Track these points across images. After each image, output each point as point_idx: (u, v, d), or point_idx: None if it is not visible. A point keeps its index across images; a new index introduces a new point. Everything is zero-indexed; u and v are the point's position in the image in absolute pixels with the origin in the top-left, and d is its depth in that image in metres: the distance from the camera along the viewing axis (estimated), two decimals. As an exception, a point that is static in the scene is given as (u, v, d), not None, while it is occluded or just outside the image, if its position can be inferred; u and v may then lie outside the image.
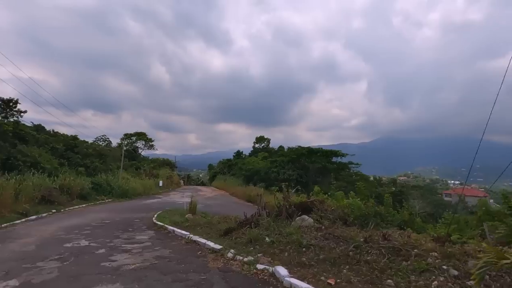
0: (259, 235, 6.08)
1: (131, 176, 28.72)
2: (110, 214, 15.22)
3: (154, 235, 8.44)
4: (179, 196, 28.82)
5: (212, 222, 9.58)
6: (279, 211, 7.98)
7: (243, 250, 5.64)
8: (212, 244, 6.37)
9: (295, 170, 30.13)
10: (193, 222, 10.30)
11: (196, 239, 7.01)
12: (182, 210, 18.45)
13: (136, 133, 40.89)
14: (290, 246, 5.36)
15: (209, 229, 8.32)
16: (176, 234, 8.30)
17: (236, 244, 6.10)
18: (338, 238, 5.24)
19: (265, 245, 5.69)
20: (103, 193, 21.49)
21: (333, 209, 7.66)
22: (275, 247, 5.46)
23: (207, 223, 9.37)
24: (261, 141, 56.43)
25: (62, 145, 25.15)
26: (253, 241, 5.91)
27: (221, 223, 9.06)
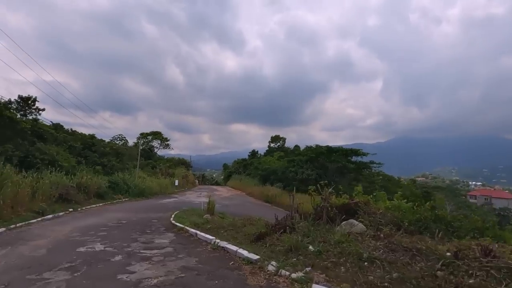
0: (299, 242, 5.10)
1: (147, 175, 28.39)
2: (127, 213, 14.66)
3: (174, 238, 7.62)
4: (195, 195, 28.25)
5: (236, 224, 8.69)
6: (316, 214, 6.95)
7: (285, 261, 4.68)
8: (245, 253, 5.45)
9: (314, 169, 28.93)
10: (215, 223, 9.45)
11: (224, 246, 6.17)
12: (199, 211, 17.76)
13: (152, 133, 40.82)
14: (345, 258, 4.36)
15: (235, 232, 7.43)
16: (200, 238, 7.51)
17: (273, 253, 5.15)
18: (409, 250, 4.18)
19: (311, 256, 4.72)
20: (120, 192, 21.11)
21: (381, 212, 6.52)
22: (325, 259, 4.48)
23: (231, 225, 8.49)
24: (277, 140, 55.36)
25: (80, 143, 25.07)
26: (293, 250, 4.95)
27: (247, 226, 8.15)
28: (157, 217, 14.18)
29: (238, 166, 50.73)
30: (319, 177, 29.12)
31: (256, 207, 24.21)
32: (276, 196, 26.22)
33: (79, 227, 9.56)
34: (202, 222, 9.82)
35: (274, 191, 27.43)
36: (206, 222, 9.88)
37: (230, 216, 17.77)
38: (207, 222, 9.79)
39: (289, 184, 30.20)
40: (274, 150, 52.13)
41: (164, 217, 14.03)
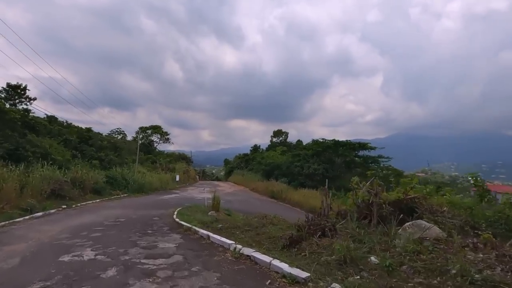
0: (353, 251, 3.82)
1: (147, 170, 27.21)
2: (126, 210, 13.49)
3: (182, 241, 6.37)
4: (197, 191, 27.11)
5: (252, 223, 7.51)
6: (360, 212, 5.66)
7: (347, 281, 3.33)
8: (285, 266, 3.98)
9: (321, 164, 27.79)
10: (226, 222, 8.27)
11: (250, 254, 4.78)
12: (203, 207, 16.66)
13: (152, 127, 39.51)
14: (439, 278, 3.03)
15: (255, 234, 6.22)
16: (214, 242, 6.24)
17: (322, 267, 3.79)
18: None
19: (378, 271, 3.44)
20: (118, 187, 19.93)
21: (445, 209, 5.20)
22: (404, 278, 3.18)
23: (247, 224, 7.31)
24: (279, 135, 54.14)
25: (75, 137, 23.83)
26: (348, 262, 3.71)
27: (267, 225, 6.96)
28: (159, 214, 13.03)
29: (240, 161, 49.55)
30: (326, 171, 28.02)
31: (262, 203, 23.10)
32: (282, 192, 25.09)
33: (70, 227, 8.38)
34: (210, 221, 8.64)
35: (280, 186, 26.30)
36: (215, 220, 8.70)
37: (236, 213, 16.66)
38: (217, 221, 8.61)
39: (294, 179, 29.07)
40: (276, 145, 50.93)
41: (166, 215, 12.87)
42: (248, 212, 18.11)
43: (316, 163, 27.86)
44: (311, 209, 20.74)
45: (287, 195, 23.96)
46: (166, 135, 40.88)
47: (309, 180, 27.39)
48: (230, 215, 15.80)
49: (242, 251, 4.98)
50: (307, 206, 20.78)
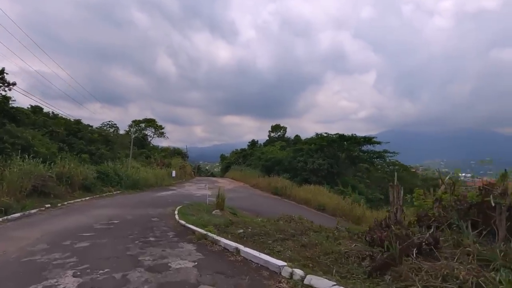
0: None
1: (141, 165, 25.42)
2: (120, 210, 11.88)
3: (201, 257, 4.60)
4: (195, 188, 25.51)
5: (283, 228, 6.02)
6: (462, 214, 3.97)
7: None
8: None
9: (325, 159, 26.46)
10: (245, 225, 6.75)
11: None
12: (205, 205, 15.18)
13: (145, 120, 37.47)
14: None
15: (298, 246, 4.64)
16: (248, 260, 4.44)
17: None
18: None
19: None
20: (110, 183, 18.19)
21: None
22: None
23: (277, 230, 5.80)
24: (277, 129, 52.61)
25: (63, 129, 21.86)
26: None
27: (308, 234, 5.45)
28: (158, 214, 11.49)
29: (237, 156, 47.97)
30: (331, 167, 26.74)
31: (266, 200, 21.68)
32: (285, 188, 23.69)
33: (51, 232, 6.75)
34: (224, 223, 7.11)
35: (283, 182, 24.90)
36: (229, 223, 7.17)
37: (241, 211, 15.18)
38: (231, 223, 7.08)
39: (297, 175, 27.70)
40: (275, 140, 49.49)
41: (166, 214, 11.35)
42: (253, 211, 16.68)
43: (321, 158, 26.51)
44: (320, 206, 19.47)
45: (292, 191, 22.57)
46: (161, 129, 38.93)
47: (313, 176, 26.05)
48: (236, 214, 14.33)
49: (309, 281, 3.14)
50: (315, 203, 19.47)
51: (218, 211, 13.51)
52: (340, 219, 11.48)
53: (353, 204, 17.15)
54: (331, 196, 20.04)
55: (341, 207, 17.23)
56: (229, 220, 7.48)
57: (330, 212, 18.05)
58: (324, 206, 18.75)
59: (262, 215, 15.74)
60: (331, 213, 17.98)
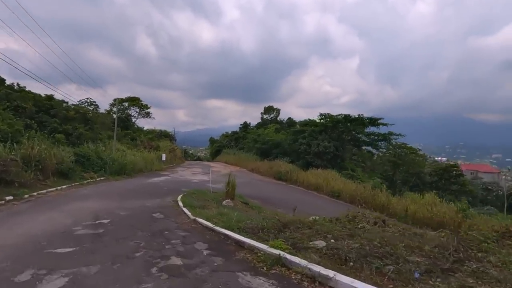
0: None
1: (127, 148, 22.42)
2: (107, 201, 9.34)
3: None
4: (190, 173, 22.99)
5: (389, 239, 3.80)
6: None
7: None
8: None
9: (330, 141, 24.55)
10: (308, 229, 4.47)
11: None
12: (209, 193, 12.89)
13: (129, 98, 33.72)
14: None
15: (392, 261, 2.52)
16: None
17: None
18: None
19: None
20: (92, 168, 15.36)
21: None
22: None
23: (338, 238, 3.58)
24: (270, 111, 50.15)
25: (31, 104, 18.39)
26: None
27: (463, 256, 3.27)
28: (157, 206, 9.11)
29: (229, 139, 45.41)
30: (336, 149, 24.92)
31: (270, 186, 19.61)
32: (290, 173, 21.68)
33: (3, 247, 4.20)
34: (272, 226, 4.79)
35: (287, 166, 22.86)
36: (278, 224, 4.86)
37: (249, 200, 13.01)
38: (284, 226, 4.77)
39: (299, 158, 25.74)
40: (268, 122, 47.19)
41: (168, 207, 9.01)
42: (262, 199, 14.52)
43: (326, 140, 24.56)
44: (333, 193, 17.66)
45: (298, 176, 20.58)
46: (146, 109, 35.35)
47: (318, 159, 24.17)
48: (248, 204, 12.12)
49: None
50: (327, 189, 17.61)
51: (229, 201, 11.25)
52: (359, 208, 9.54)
53: (374, 190, 15.38)
54: (345, 181, 18.22)
55: (360, 193, 15.41)
56: (277, 221, 5.17)
57: (347, 199, 16.26)
58: (338, 192, 16.90)
59: (275, 204, 13.66)
60: (348, 200, 16.19)
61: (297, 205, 14.49)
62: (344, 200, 16.34)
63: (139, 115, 35.67)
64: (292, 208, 11.78)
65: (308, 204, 14.70)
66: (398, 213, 13.51)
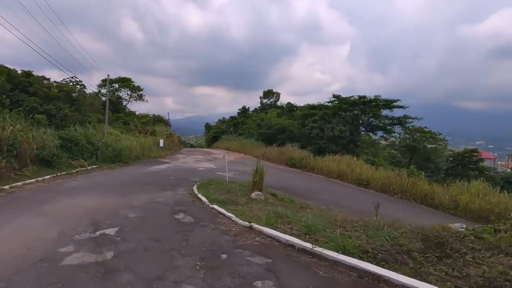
0: None
1: (121, 132, 19.75)
2: (106, 196, 7.03)
3: None
4: (192, 160, 20.60)
5: None
6: None
7: None
8: None
9: (345, 124, 22.52)
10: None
11: None
12: (225, 183, 10.78)
13: (119, 79, 30.46)
14: None
15: None
16: None
17: None
18: None
19: None
20: (81, 155, 12.84)
21: None
22: None
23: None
24: (269, 95, 47.58)
25: (4, 80, 15.42)
26: None
27: None
28: (173, 202, 6.91)
29: (227, 125, 42.85)
30: (351, 134, 22.94)
31: (287, 174, 17.52)
32: (304, 159, 19.62)
33: None
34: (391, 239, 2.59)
35: (301, 153, 20.78)
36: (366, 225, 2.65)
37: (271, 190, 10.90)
38: (417, 235, 2.57)
39: (310, 144, 23.64)
40: (268, 107, 44.75)
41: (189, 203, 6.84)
42: (284, 189, 12.35)
43: (341, 123, 22.48)
44: (360, 181, 15.68)
45: (316, 163, 18.54)
46: (139, 91, 32.17)
47: (332, 145, 22.15)
48: (276, 196, 10.02)
49: None
50: (352, 177, 15.65)
51: (259, 194, 9.07)
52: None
53: (409, 178, 13.48)
54: (371, 168, 16.29)
55: (395, 182, 13.50)
56: (421, 235, 2.97)
57: (378, 189, 14.34)
58: (367, 180, 14.97)
59: (300, 195, 11.57)
60: (379, 189, 14.27)
61: (325, 196, 12.44)
62: (375, 189, 14.42)
63: (130, 98, 32.55)
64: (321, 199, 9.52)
65: (337, 194, 12.71)
66: (444, 205, 11.68)
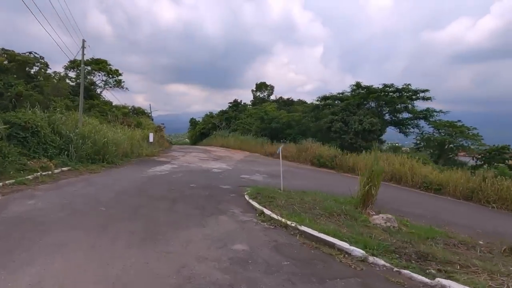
0: None
1: (99, 122, 14.67)
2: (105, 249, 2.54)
3: None
4: (195, 159, 16.11)
5: None
6: None
7: None
8: None
9: (373, 116, 19.23)
10: None
11: None
12: (279, 191, 6.68)
13: (93, 61, 24.61)
14: None
15: None
16: None
17: None
18: None
19: None
20: (43, 151, 8.10)
21: None
22: None
23: None
24: (262, 88, 43.55)
25: None
26: None
27: None
28: (267, 256, 2.49)
29: (217, 120, 38.16)
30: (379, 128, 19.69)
31: (325, 176, 13.75)
32: (337, 158, 16.01)
33: None
34: None
35: (329, 150, 17.14)
36: None
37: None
38: None
39: (329, 139, 20.06)
40: (262, 101, 40.76)
41: (309, 257, 2.45)
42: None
43: (368, 115, 19.12)
44: (429, 185, 12.15)
45: (356, 162, 14.98)
46: (117, 75, 26.49)
47: (360, 140, 18.75)
48: (408, 225, 6.15)
49: None
50: (414, 179, 12.22)
51: (387, 217, 5.17)
52: None
53: (497, 179, 10.29)
54: (434, 168, 13.02)
55: (487, 187, 10.23)
56: None
57: (458, 195, 11.01)
58: (439, 184, 11.60)
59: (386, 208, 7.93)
60: (460, 196, 10.94)
61: (409, 208, 8.84)
62: (453, 195, 11.07)
63: (106, 85, 26.83)
64: (412, 213, 6.11)
65: (418, 204, 9.14)
66: None
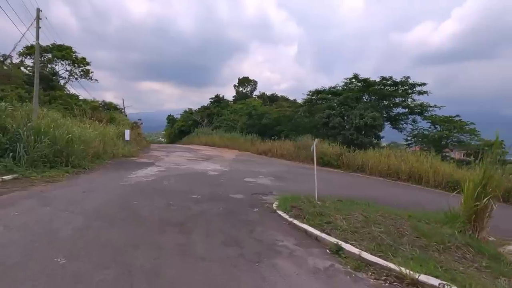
0: None
1: (62, 116, 11.75)
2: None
3: None
4: (183, 159, 13.77)
5: None
6: None
7: None
8: None
9: (373, 111, 18.00)
10: None
11: None
12: (314, 201, 4.48)
13: (55, 47, 20.79)
14: None
15: None
16: None
17: None
18: None
19: None
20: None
21: None
22: None
23: None
24: (245, 84, 41.45)
25: None
26: None
27: None
28: None
29: (200, 116, 35.46)
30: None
31: (335, 177, 12.08)
32: (342, 155, 14.48)
33: None
34: None
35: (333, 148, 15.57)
36: None
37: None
38: None
39: (327, 135, 18.58)
40: (246, 96, 38.70)
41: None
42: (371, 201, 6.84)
43: (369, 109, 17.85)
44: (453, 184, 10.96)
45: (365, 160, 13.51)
46: (85, 65, 22.85)
47: (361, 136, 17.43)
48: None
49: None
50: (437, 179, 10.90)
51: None
52: None
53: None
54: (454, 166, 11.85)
55: None
56: None
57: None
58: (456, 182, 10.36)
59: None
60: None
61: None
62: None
63: (71, 75, 23.26)
64: None
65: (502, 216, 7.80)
66: None
